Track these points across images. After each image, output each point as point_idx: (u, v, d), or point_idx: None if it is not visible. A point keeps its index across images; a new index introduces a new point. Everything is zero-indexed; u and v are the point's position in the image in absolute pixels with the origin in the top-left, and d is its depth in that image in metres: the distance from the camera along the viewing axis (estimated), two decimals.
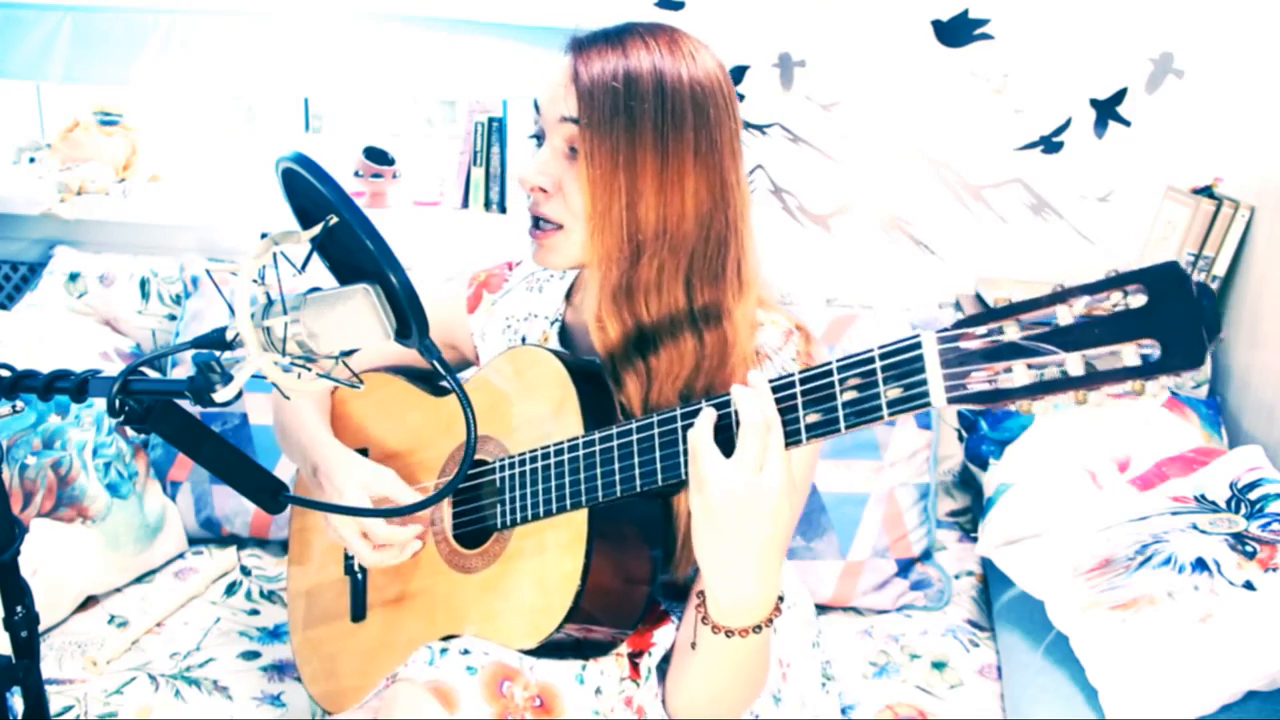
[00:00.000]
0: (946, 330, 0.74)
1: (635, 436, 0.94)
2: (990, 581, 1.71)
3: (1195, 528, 1.32)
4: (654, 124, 0.97)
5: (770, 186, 2.08)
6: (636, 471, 0.93)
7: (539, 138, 1.06)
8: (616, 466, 0.95)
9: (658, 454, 0.92)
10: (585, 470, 0.97)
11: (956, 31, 1.96)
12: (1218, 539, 1.28)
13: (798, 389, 0.83)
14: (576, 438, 0.99)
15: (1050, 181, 2.02)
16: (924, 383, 0.75)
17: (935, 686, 1.50)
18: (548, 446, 1.01)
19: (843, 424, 0.80)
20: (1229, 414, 1.81)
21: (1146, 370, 0.65)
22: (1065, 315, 0.68)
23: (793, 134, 2.05)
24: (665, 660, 1.07)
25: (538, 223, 1.04)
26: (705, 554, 0.88)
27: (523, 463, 1.04)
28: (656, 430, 0.92)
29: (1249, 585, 1.20)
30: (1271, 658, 1.15)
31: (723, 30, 1.98)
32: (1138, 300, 0.65)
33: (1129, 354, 0.65)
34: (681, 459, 0.90)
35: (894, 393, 0.77)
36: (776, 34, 2.00)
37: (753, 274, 1.06)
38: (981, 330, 0.72)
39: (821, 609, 1.70)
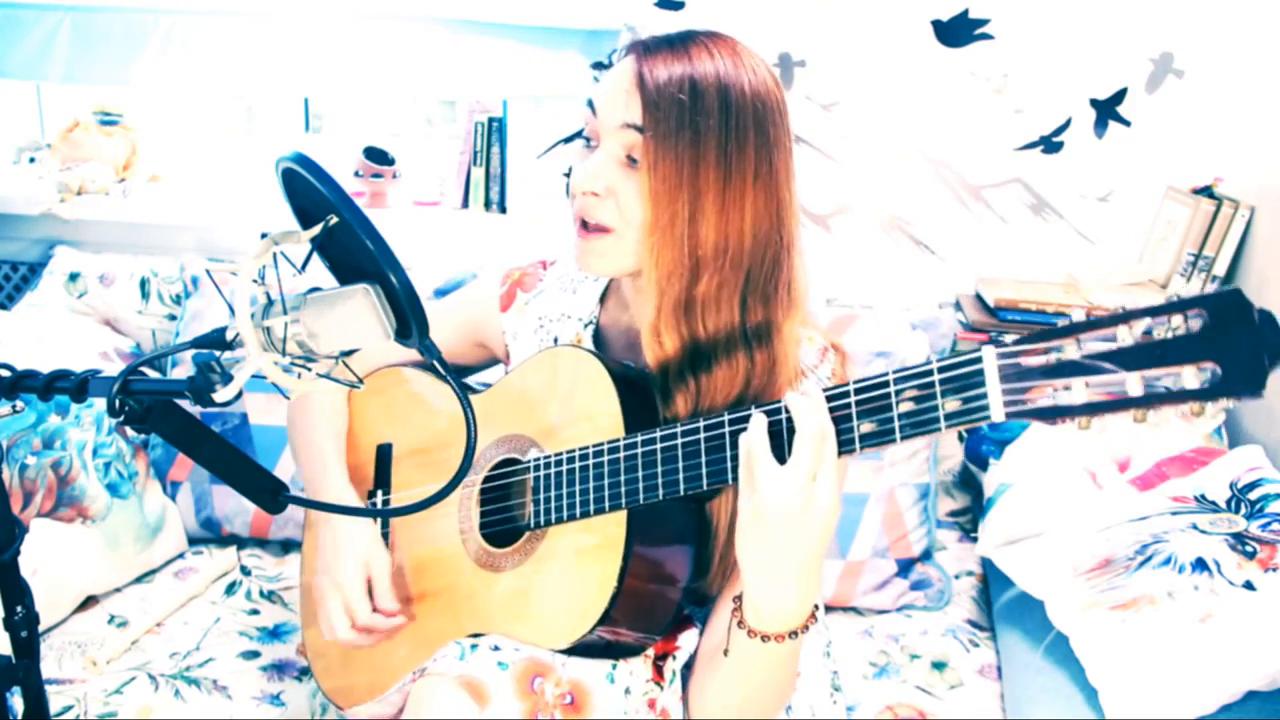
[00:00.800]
0: (1006, 346, 0.75)
1: (680, 440, 0.94)
2: (990, 581, 1.71)
3: (1195, 528, 1.32)
4: (718, 140, 0.96)
5: None
6: (680, 475, 0.93)
7: (587, 139, 1.04)
8: (660, 469, 0.94)
9: (703, 458, 0.92)
10: (627, 472, 0.97)
11: (956, 31, 1.96)
12: (1218, 539, 1.28)
13: (852, 398, 0.84)
14: (618, 439, 0.98)
15: (1050, 181, 2.02)
16: (984, 396, 0.76)
17: (935, 686, 1.50)
18: (587, 447, 1.01)
19: (898, 434, 0.81)
20: (1229, 414, 1.81)
21: (1207, 393, 0.66)
22: (1125, 336, 0.69)
23: (793, 134, 2.05)
24: (688, 665, 1.07)
25: (585, 223, 1.03)
26: (750, 560, 0.88)
27: (559, 463, 1.03)
28: (703, 435, 0.92)
29: (1249, 585, 1.20)
30: (1271, 658, 1.15)
31: (722, 30, 1.98)
32: (1198, 324, 0.67)
33: (1189, 376, 0.67)
34: (729, 464, 0.91)
35: (952, 405, 0.78)
36: (776, 34, 2.00)
37: (802, 293, 1.05)
38: (1042, 347, 0.73)
39: (824, 610, 1.70)
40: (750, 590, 0.91)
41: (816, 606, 0.93)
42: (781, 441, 0.87)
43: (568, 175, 2.18)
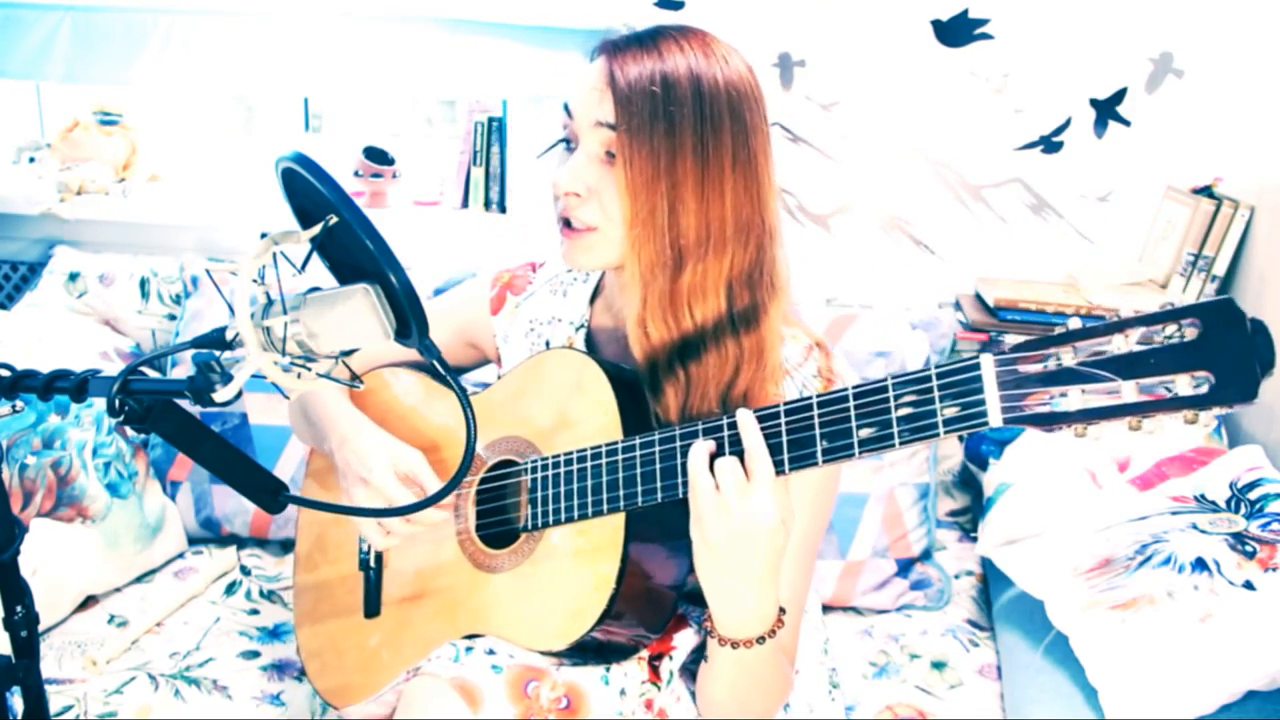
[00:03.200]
0: (1004, 353, 0.76)
1: (679, 444, 0.94)
2: (990, 581, 1.71)
3: (1195, 528, 1.32)
4: (694, 129, 0.97)
5: None
6: (679, 478, 0.94)
7: (567, 141, 1.05)
8: (658, 469, 0.95)
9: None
10: (625, 474, 0.97)
11: (956, 31, 1.96)
12: (1218, 539, 1.28)
13: (851, 403, 0.84)
14: (616, 441, 0.99)
15: (1050, 181, 2.02)
16: (982, 403, 0.76)
17: (935, 686, 1.50)
18: (585, 449, 1.01)
19: (897, 439, 0.82)
20: (1229, 414, 1.81)
21: (1200, 401, 0.67)
22: (1121, 344, 0.71)
23: (793, 134, 2.05)
24: (693, 665, 1.08)
25: (569, 222, 1.03)
26: (703, 576, 0.92)
27: (558, 464, 1.03)
28: (702, 437, 0.93)
29: (1249, 585, 1.20)
30: (1271, 658, 1.15)
31: (722, 30, 1.97)
32: (1192, 333, 0.68)
33: (1183, 384, 0.68)
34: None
35: (950, 411, 0.78)
36: (776, 34, 2.00)
37: (784, 278, 1.06)
38: (1039, 355, 0.74)
39: (821, 609, 1.70)
40: (711, 604, 0.95)
41: (783, 611, 0.96)
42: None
43: None
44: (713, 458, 0.89)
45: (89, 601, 1.60)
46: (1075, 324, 0.73)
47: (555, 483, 1.03)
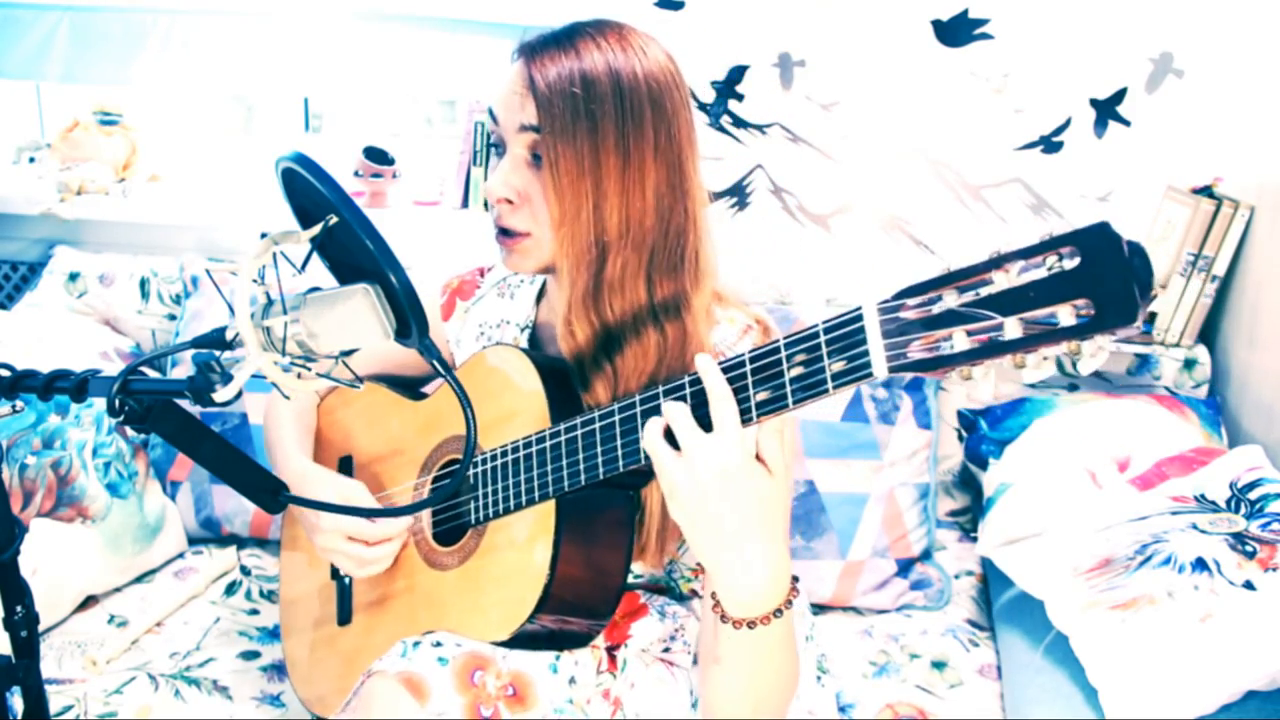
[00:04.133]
0: (886, 300, 0.75)
1: (598, 425, 0.94)
2: (990, 581, 1.71)
3: (1195, 528, 1.32)
4: (615, 124, 0.97)
5: (770, 186, 2.07)
6: (600, 460, 0.94)
7: (498, 146, 1.05)
8: (581, 456, 0.95)
9: (619, 441, 0.92)
10: (552, 462, 0.98)
11: (956, 31, 1.96)
12: (1218, 539, 1.28)
13: (748, 367, 0.83)
14: (543, 430, 1.00)
15: (1050, 181, 2.02)
16: (866, 354, 0.75)
17: (935, 686, 1.50)
18: (516, 441, 1.02)
19: (790, 399, 0.80)
20: (1229, 414, 1.81)
21: (1081, 330, 0.65)
22: (1002, 280, 0.69)
23: (793, 134, 2.05)
24: (660, 652, 1.07)
25: (506, 231, 1.05)
26: (706, 544, 0.86)
27: (493, 458, 1.05)
28: (618, 417, 0.93)
29: (1249, 585, 1.20)
30: (1271, 658, 1.15)
31: (722, 30, 1.98)
32: (1071, 262, 0.66)
33: (1065, 315, 0.66)
34: (618, 452, 0.91)
35: (838, 365, 0.77)
36: (776, 34, 2.00)
37: (709, 263, 1.06)
38: (920, 299, 0.73)
39: (821, 609, 1.70)
40: (718, 579, 0.88)
41: (795, 579, 0.92)
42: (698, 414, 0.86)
43: None
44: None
45: (89, 601, 1.60)
46: (958, 264, 0.72)
47: (492, 476, 1.05)
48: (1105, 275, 0.64)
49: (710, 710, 1.00)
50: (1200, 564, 1.25)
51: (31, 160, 2.37)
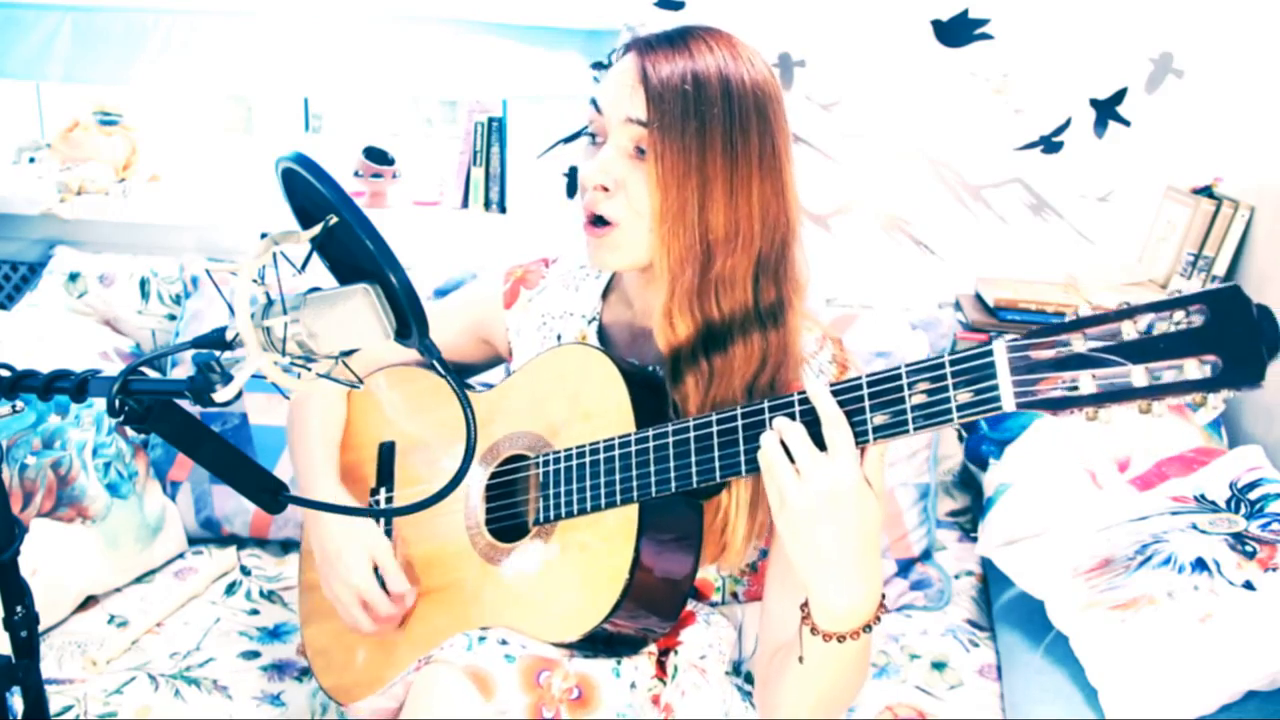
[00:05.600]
0: (1016, 339, 0.77)
1: (693, 434, 0.95)
2: (990, 581, 1.71)
3: (1195, 528, 1.32)
4: (723, 127, 0.99)
5: None
6: (693, 469, 0.94)
7: (594, 136, 1.06)
8: (672, 464, 0.96)
9: (716, 452, 0.93)
10: (639, 466, 0.98)
11: (956, 31, 1.96)
12: (1218, 539, 1.28)
13: (865, 390, 0.85)
14: (629, 434, 1.00)
15: (1050, 181, 2.02)
16: (995, 388, 0.78)
17: (935, 686, 1.50)
18: (597, 442, 1.02)
19: (911, 425, 0.83)
20: (1229, 414, 1.81)
21: (1210, 384, 0.69)
22: (1130, 330, 0.72)
23: (793, 134, 2.05)
24: (701, 660, 1.07)
25: (595, 220, 1.04)
26: (809, 561, 0.88)
27: (569, 458, 1.04)
28: (715, 428, 0.93)
29: (1249, 585, 1.20)
30: (1271, 658, 1.15)
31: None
32: (1200, 319, 0.69)
33: (1192, 368, 0.70)
34: (742, 456, 0.92)
35: (964, 396, 0.79)
36: (776, 34, 2.00)
37: (805, 273, 1.08)
38: (1050, 341, 0.76)
39: None
40: (816, 592, 0.90)
41: (884, 596, 0.93)
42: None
43: (568, 175, 2.18)
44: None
45: (89, 601, 1.60)
46: (1085, 310, 0.75)
47: (567, 476, 1.04)
48: (1234, 334, 0.68)
49: (776, 704, 1.01)
50: (1200, 564, 1.25)
51: (31, 160, 2.38)
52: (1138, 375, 0.71)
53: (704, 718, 1.05)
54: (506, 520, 1.12)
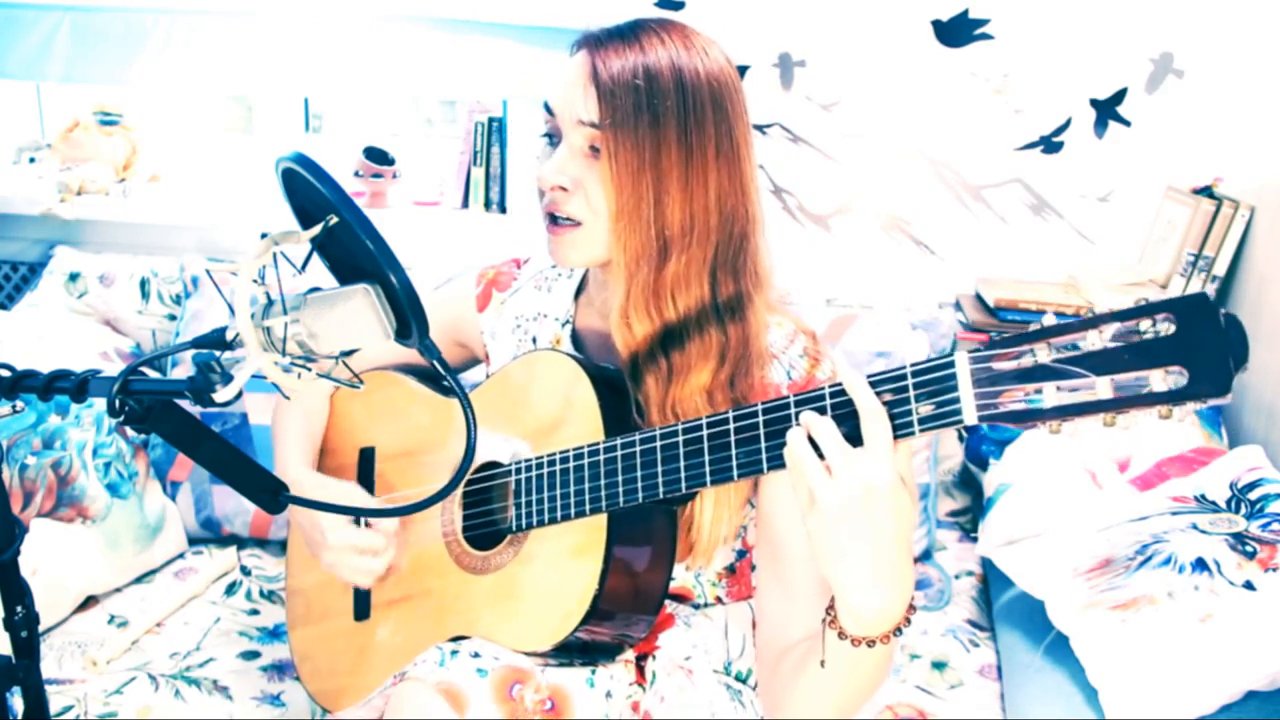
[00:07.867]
0: (979, 350, 0.75)
1: (659, 443, 0.94)
2: (990, 581, 1.71)
3: (1195, 528, 1.32)
4: (677, 121, 0.97)
5: (770, 186, 2.08)
6: (660, 479, 0.93)
7: (550, 136, 1.05)
8: (639, 473, 0.95)
9: (682, 462, 0.92)
10: (607, 475, 0.97)
11: (956, 31, 1.96)
12: (1218, 539, 1.28)
13: (828, 402, 0.83)
14: (598, 442, 0.99)
15: (1050, 181, 2.02)
16: (956, 400, 0.76)
17: (935, 686, 1.50)
18: (568, 450, 1.01)
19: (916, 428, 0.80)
20: (1229, 414, 1.81)
21: (1173, 397, 0.66)
22: (1095, 340, 0.70)
23: (793, 134, 2.05)
24: (685, 662, 1.07)
25: (555, 219, 1.03)
26: (840, 561, 0.83)
27: (541, 465, 1.03)
28: (681, 438, 0.92)
29: (1249, 585, 1.20)
30: (1271, 658, 1.15)
31: (723, 30, 1.97)
32: (1166, 328, 0.67)
33: (1157, 380, 0.67)
34: (706, 467, 0.90)
35: (926, 409, 0.77)
36: (776, 34, 2.00)
37: (767, 266, 1.06)
38: (1013, 351, 0.73)
39: None
40: (846, 596, 0.84)
41: (913, 597, 0.88)
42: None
43: None
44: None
45: (89, 601, 1.60)
46: (1050, 320, 0.73)
47: (540, 484, 1.03)
48: (1201, 344, 0.66)
49: (788, 706, 0.98)
50: (1200, 564, 1.25)
51: (31, 160, 2.38)
52: (1102, 387, 0.69)
53: (686, 718, 1.05)
54: (484, 527, 1.12)
